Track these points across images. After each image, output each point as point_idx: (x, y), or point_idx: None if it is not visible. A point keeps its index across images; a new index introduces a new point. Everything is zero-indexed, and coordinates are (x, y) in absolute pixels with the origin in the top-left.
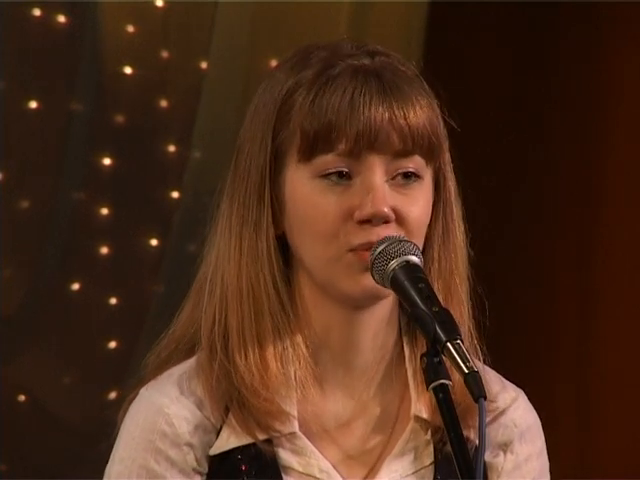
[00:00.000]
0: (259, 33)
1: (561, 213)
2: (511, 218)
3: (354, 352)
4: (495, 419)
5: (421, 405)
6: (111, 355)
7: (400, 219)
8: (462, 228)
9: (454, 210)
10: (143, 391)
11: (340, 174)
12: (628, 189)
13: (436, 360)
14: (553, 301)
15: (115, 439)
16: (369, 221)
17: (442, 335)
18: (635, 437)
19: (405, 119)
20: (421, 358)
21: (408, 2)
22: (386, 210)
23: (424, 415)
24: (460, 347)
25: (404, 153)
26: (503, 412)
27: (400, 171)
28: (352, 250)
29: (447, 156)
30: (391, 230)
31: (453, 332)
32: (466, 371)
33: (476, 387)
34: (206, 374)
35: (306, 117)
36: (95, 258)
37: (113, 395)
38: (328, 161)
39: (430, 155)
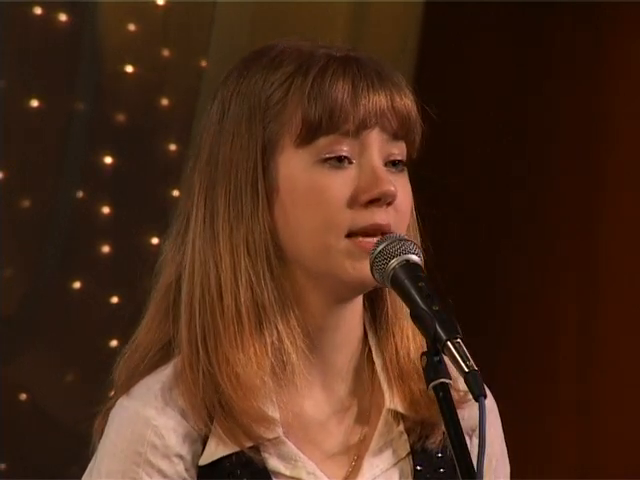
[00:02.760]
0: (258, 32)
1: (562, 212)
2: (511, 217)
3: (332, 348)
4: (460, 404)
5: (396, 399)
6: (112, 354)
7: (395, 205)
8: (417, 230)
9: (413, 211)
10: (124, 402)
11: (341, 158)
12: (629, 187)
13: (436, 359)
14: (554, 302)
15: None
16: (376, 201)
17: (442, 334)
18: (636, 437)
19: (404, 104)
20: (421, 357)
21: (405, 2)
22: (393, 189)
23: (400, 409)
24: (460, 346)
25: (397, 137)
26: (466, 396)
27: (391, 158)
28: (350, 235)
29: None
30: (389, 215)
31: (453, 331)
32: (466, 370)
33: (476, 386)
34: (187, 382)
35: (308, 102)
36: (96, 257)
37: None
38: (330, 143)
39: (412, 144)
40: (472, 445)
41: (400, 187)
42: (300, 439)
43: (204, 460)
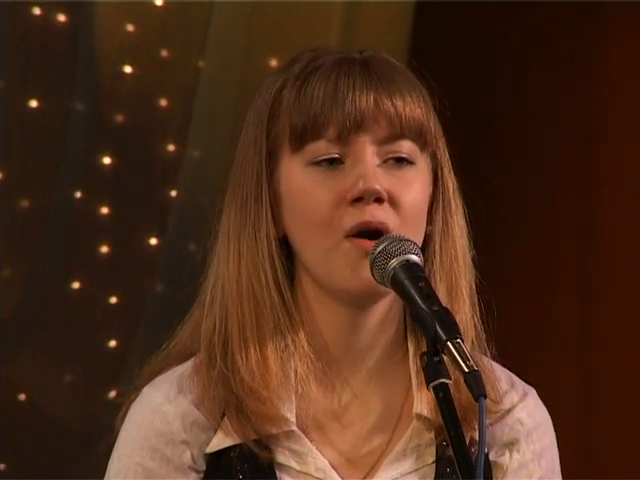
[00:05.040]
0: (256, 33)
1: (563, 207)
2: (512, 213)
3: (354, 351)
4: (501, 418)
5: (423, 403)
6: (111, 354)
7: (394, 202)
8: (462, 224)
9: (453, 205)
10: (144, 389)
11: (331, 160)
12: (628, 183)
13: (436, 359)
14: (554, 299)
15: (115, 438)
16: (361, 199)
17: (442, 334)
18: (638, 436)
19: (392, 103)
20: (421, 357)
21: (396, 2)
22: (377, 187)
23: (425, 413)
24: (460, 346)
25: (394, 137)
26: (509, 411)
27: (391, 155)
28: (348, 236)
29: (444, 152)
30: (385, 212)
31: (453, 331)
32: (466, 370)
33: (476, 386)
34: (203, 379)
35: (293, 110)
36: (95, 257)
37: (113, 394)
38: (319, 148)
39: (422, 141)
40: (512, 459)
41: (403, 184)
42: (317, 436)
43: (211, 448)
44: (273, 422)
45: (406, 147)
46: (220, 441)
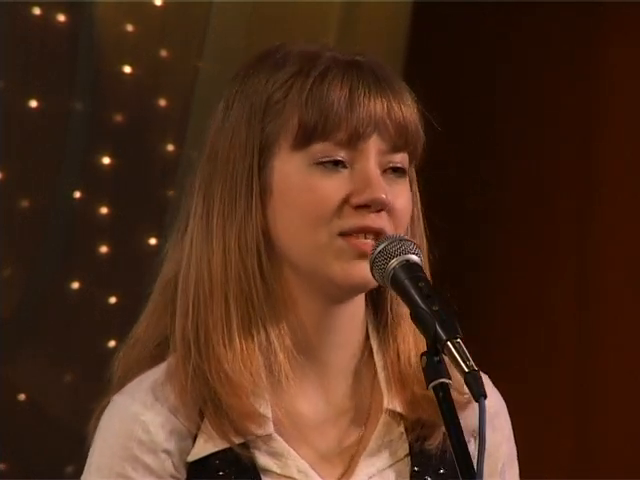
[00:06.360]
0: (254, 33)
1: (563, 207)
2: (511, 213)
3: (329, 348)
4: (464, 407)
5: (395, 399)
6: (111, 354)
7: (389, 209)
8: (425, 240)
9: (421, 221)
10: (115, 398)
11: (336, 162)
12: (628, 183)
13: (436, 359)
14: (551, 304)
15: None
16: (366, 207)
17: (442, 334)
18: (635, 436)
19: (402, 113)
20: (421, 357)
21: (394, 2)
22: (384, 196)
23: (398, 409)
24: (460, 346)
25: (397, 147)
26: (470, 400)
27: (390, 165)
28: (343, 235)
29: (413, 167)
30: (384, 220)
31: (453, 331)
32: (466, 370)
33: (476, 386)
34: (179, 378)
35: (305, 106)
36: (94, 257)
37: None
38: (325, 149)
39: (414, 154)
40: (473, 448)
41: (398, 193)
42: (293, 438)
43: (192, 457)
44: (251, 418)
45: (402, 158)
46: (200, 449)
